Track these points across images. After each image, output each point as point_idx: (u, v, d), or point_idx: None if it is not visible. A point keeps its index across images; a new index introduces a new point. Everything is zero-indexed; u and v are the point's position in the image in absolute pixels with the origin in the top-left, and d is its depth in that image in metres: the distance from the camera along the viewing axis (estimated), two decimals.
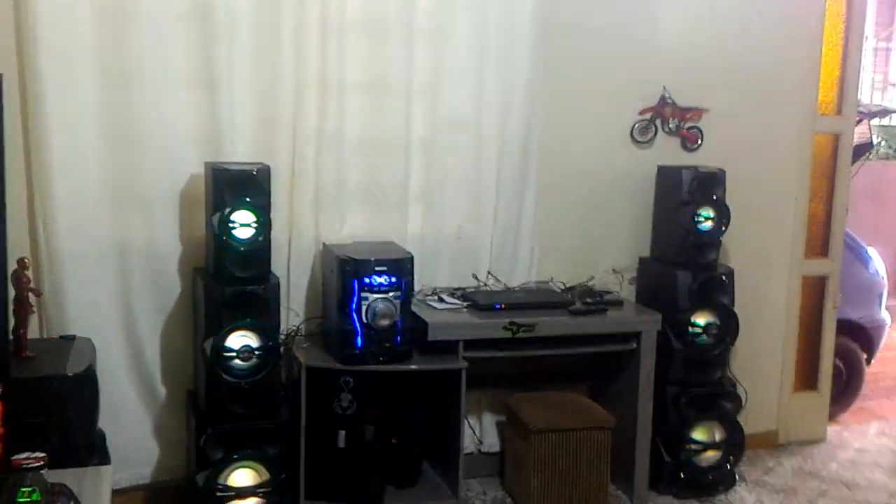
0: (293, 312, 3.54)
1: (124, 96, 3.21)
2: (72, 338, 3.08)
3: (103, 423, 3.15)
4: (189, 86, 3.29)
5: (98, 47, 3.15)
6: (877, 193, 6.60)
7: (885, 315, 5.05)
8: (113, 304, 3.32)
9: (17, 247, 2.95)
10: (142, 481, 3.44)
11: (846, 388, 4.78)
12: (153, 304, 3.38)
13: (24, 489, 1.90)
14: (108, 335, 3.30)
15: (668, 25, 3.95)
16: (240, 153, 3.35)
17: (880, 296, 5.05)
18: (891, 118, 7.83)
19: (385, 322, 3.20)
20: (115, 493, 3.27)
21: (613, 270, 3.97)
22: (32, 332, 3.07)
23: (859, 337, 4.86)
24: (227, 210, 3.06)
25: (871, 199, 6.36)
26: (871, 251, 5.09)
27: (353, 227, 3.59)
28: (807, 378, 4.43)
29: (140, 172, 3.28)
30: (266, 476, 3.14)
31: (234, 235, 3.07)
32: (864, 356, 4.90)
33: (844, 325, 4.56)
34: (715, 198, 3.72)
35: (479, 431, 3.87)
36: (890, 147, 7.76)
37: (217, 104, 3.30)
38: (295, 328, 3.53)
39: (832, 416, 4.58)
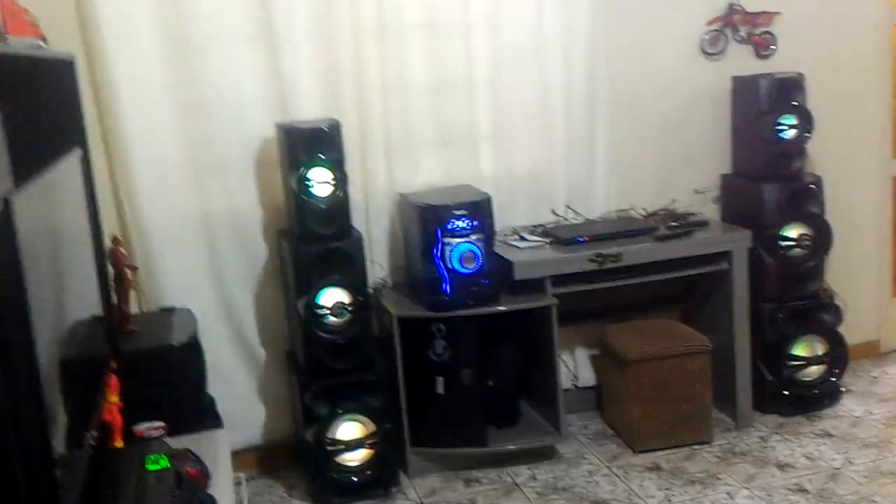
0: (377, 265, 3.55)
1: (189, 64, 3.22)
2: (171, 309, 3.14)
3: (211, 389, 3.22)
4: (250, 45, 3.27)
5: (158, 17, 3.16)
6: None
7: None
8: (203, 272, 3.38)
9: (108, 225, 3.00)
10: (254, 442, 3.53)
11: None
12: (242, 270, 3.43)
13: (150, 457, 1.95)
14: (203, 303, 3.35)
15: None
16: (305, 110, 3.34)
17: None
18: None
19: (470, 266, 3.18)
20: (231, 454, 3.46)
21: (695, 191, 3.87)
22: (132, 306, 3.15)
23: None
24: (304, 169, 3.07)
25: None
26: None
27: (426, 174, 3.57)
28: None
29: (213, 139, 3.30)
30: (372, 427, 3.19)
31: (313, 194, 3.08)
32: None
33: None
34: (795, 104, 3.58)
35: (574, 366, 3.86)
36: None
37: (279, 61, 3.28)
38: (381, 280, 3.55)
39: None
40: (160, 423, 2.15)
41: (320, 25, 3.32)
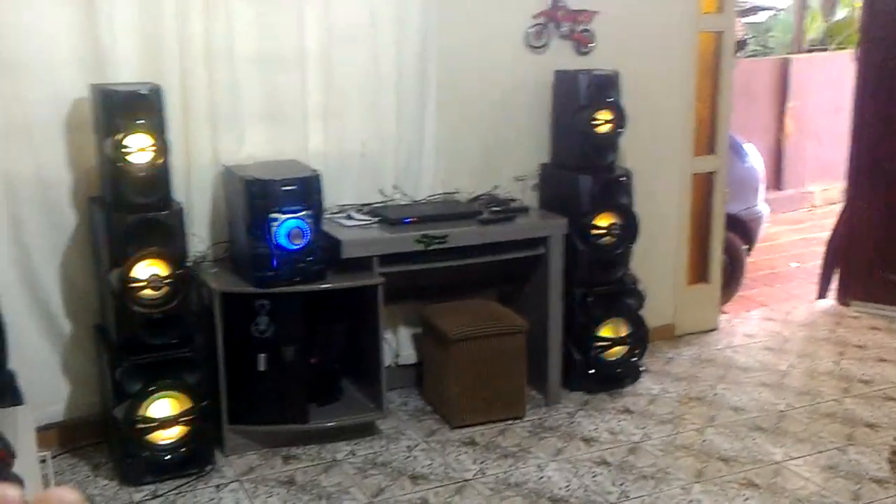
0: (196, 238, 3.43)
1: None
2: None
3: (11, 364, 3.02)
4: (65, 4, 3.06)
5: None
6: (747, 90, 6.86)
7: (762, 207, 5.33)
8: (4, 239, 3.14)
9: None
10: (57, 419, 3.33)
11: (730, 278, 5.05)
12: (48, 238, 3.22)
13: None
14: (3, 273, 3.13)
15: None
16: (124, 75, 3.17)
17: (757, 189, 5.32)
18: (757, 15, 8.14)
19: (298, 242, 3.14)
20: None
21: (516, 178, 4.02)
22: None
23: (740, 230, 5.11)
24: (121, 134, 2.91)
25: (743, 96, 6.60)
26: (748, 146, 5.33)
27: (252, 147, 3.48)
28: (699, 271, 4.66)
29: (18, 97, 3.07)
30: (188, 404, 3.09)
31: (130, 160, 2.93)
32: (745, 247, 5.18)
33: (726, 219, 4.78)
34: (611, 100, 3.79)
35: (396, 344, 3.91)
36: (759, 44, 8.07)
37: (95, 20, 3.09)
38: (201, 254, 3.43)
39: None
40: None
41: None
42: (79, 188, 3.20)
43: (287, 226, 3.13)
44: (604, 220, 3.79)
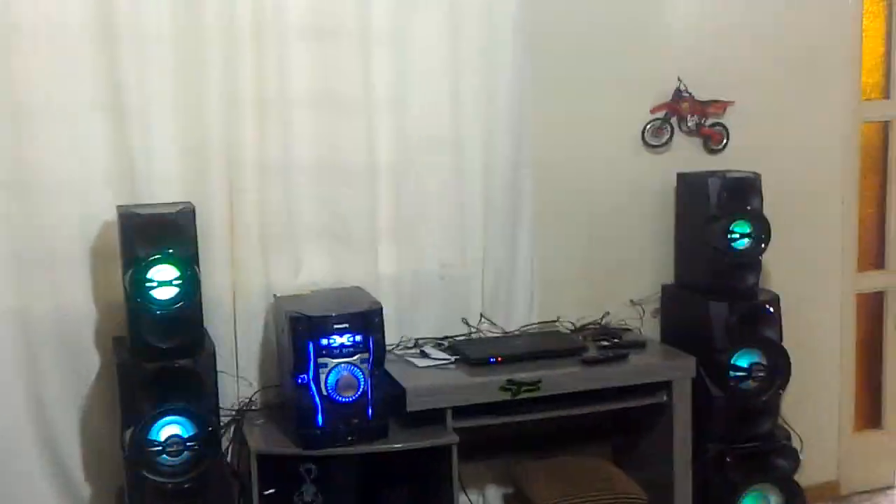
0: (244, 382, 2.90)
1: (14, 135, 2.60)
2: None
3: None
4: (93, 113, 2.67)
5: None
6: None
7: None
8: (16, 387, 2.69)
9: None
10: None
11: None
12: (68, 385, 2.75)
13: None
14: (14, 428, 2.69)
15: (681, 6, 3.31)
16: (161, 193, 2.73)
17: None
18: None
19: (350, 394, 2.55)
20: None
21: (632, 302, 3.32)
22: None
23: None
24: (142, 266, 2.43)
25: None
26: None
27: (311, 273, 2.96)
28: (868, 414, 3.77)
29: (41, 222, 2.66)
30: None
31: (151, 297, 2.44)
32: None
33: None
34: (750, 208, 3.06)
35: None
36: None
37: (128, 133, 2.68)
38: (247, 401, 2.89)
39: None
40: None
41: (183, 93, 2.73)
42: (103, 326, 2.75)
43: (337, 373, 2.55)
44: (744, 359, 3.02)
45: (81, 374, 2.75)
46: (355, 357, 2.57)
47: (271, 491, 2.65)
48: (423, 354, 2.95)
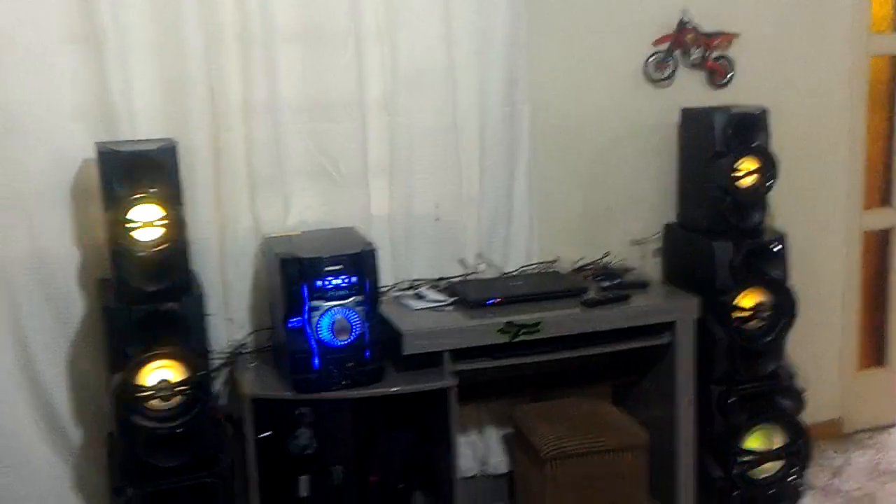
0: (234, 324, 2.82)
1: None
2: None
3: (9, 478, 2.64)
4: (67, 47, 2.53)
5: None
6: None
7: None
8: (3, 334, 2.60)
9: None
10: None
11: None
12: (52, 330, 2.66)
13: None
14: (3, 376, 2.60)
15: None
16: (143, 129, 2.61)
17: None
18: None
19: (345, 337, 2.47)
20: None
21: (633, 242, 3.23)
22: None
23: None
24: (123, 206, 2.33)
25: None
26: None
27: (301, 213, 2.86)
28: (872, 353, 3.71)
29: (14, 163, 2.54)
30: None
31: (134, 239, 2.34)
32: None
33: None
34: (757, 145, 2.95)
35: (483, 450, 3.16)
36: None
37: (103, 66, 2.54)
38: (239, 344, 2.81)
39: None
40: None
41: (162, 27, 2.60)
42: (87, 268, 2.65)
43: (331, 316, 2.46)
44: (749, 299, 2.93)
45: (66, 319, 2.66)
46: (349, 300, 2.48)
47: (266, 434, 2.58)
48: (419, 296, 2.86)
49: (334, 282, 2.47)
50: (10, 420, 2.63)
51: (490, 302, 2.77)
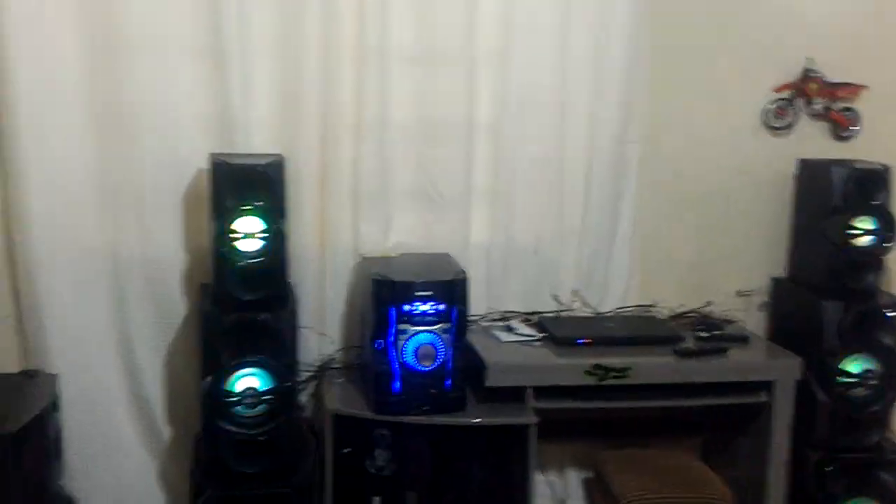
0: (328, 339, 2.86)
1: (112, 70, 2.60)
2: (34, 373, 2.49)
3: (100, 468, 2.73)
4: (192, 57, 2.65)
5: (78, 8, 2.55)
6: None
7: None
8: (104, 325, 2.74)
9: None
10: None
11: None
12: (154, 328, 2.78)
13: None
14: (101, 366, 2.75)
15: None
16: (255, 143, 2.70)
17: None
18: None
19: (429, 363, 2.47)
20: None
21: (738, 293, 3.11)
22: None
23: None
24: (229, 216, 2.41)
25: None
26: None
27: (401, 235, 2.89)
28: None
29: (134, 166, 2.68)
30: None
31: (235, 248, 2.41)
32: None
33: None
34: (877, 203, 2.81)
35: (561, 491, 3.09)
36: None
37: (226, 79, 2.65)
38: (329, 358, 2.85)
39: None
40: None
41: (283, 41, 2.69)
42: (192, 273, 2.75)
43: (417, 341, 2.47)
44: (856, 365, 2.78)
45: (168, 318, 2.76)
46: (437, 326, 2.48)
47: (346, 450, 2.61)
48: (509, 329, 2.85)
49: (422, 307, 2.48)
50: (107, 411, 2.74)
51: (580, 342, 2.73)
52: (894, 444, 2.89)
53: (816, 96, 3.08)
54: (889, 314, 2.80)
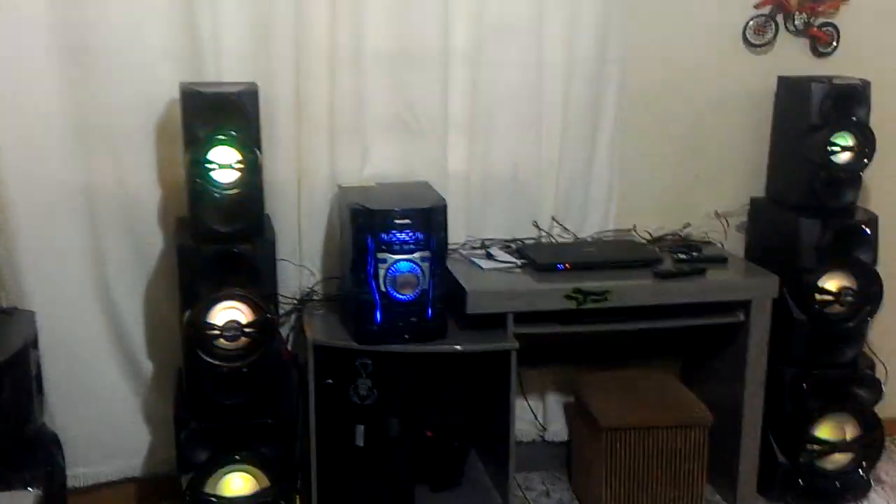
0: (307, 271, 2.85)
1: (78, 2, 2.51)
2: (11, 311, 2.47)
3: (81, 406, 2.73)
4: None
5: None
6: None
7: None
8: (80, 262, 2.70)
9: None
10: (131, 474, 2.88)
11: None
12: (131, 263, 2.74)
13: None
14: (79, 303, 2.71)
15: None
16: (228, 71, 2.64)
17: None
18: None
19: (409, 292, 2.47)
20: (103, 486, 2.81)
21: (716, 214, 3.11)
22: None
23: None
24: (202, 147, 2.36)
25: None
26: None
27: (378, 164, 2.85)
28: None
29: (104, 100, 2.60)
30: (266, 483, 2.50)
31: (211, 179, 2.38)
32: None
33: None
34: (855, 119, 2.80)
35: (543, 415, 3.14)
36: None
37: (193, 8, 2.56)
38: (309, 291, 2.85)
39: None
40: None
41: None
42: (167, 206, 2.71)
43: (397, 269, 2.46)
44: (833, 282, 2.81)
45: (145, 254, 2.73)
46: (416, 254, 2.47)
47: (328, 381, 2.62)
48: (489, 256, 2.84)
49: (401, 235, 2.46)
50: (86, 348, 2.73)
51: (560, 267, 2.73)
52: (869, 359, 2.94)
53: (797, 12, 3.03)
54: (866, 230, 2.81)
